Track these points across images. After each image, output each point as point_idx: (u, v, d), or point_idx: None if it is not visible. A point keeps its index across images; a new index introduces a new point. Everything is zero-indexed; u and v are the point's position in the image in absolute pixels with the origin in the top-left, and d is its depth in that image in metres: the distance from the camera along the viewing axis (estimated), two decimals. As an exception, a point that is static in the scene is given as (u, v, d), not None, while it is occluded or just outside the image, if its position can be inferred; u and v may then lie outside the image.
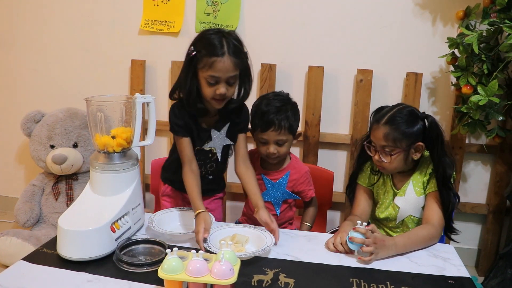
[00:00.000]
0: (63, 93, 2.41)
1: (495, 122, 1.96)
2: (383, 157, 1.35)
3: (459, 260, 1.23)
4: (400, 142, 1.32)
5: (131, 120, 1.29)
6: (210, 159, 1.47)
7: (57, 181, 2.17)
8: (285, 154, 1.53)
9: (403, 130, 1.32)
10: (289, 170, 1.54)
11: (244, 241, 1.25)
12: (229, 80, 1.29)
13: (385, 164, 1.35)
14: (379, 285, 1.08)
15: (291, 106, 1.49)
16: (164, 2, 2.22)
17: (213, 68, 1.25)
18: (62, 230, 1.13)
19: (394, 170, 1.39)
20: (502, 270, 1.88)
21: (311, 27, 2.13)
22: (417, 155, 1.37)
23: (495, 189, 2.13)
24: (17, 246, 1.92)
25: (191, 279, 0.94)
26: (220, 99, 1.31)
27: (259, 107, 1.48)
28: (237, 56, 1.28)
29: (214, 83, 1.28)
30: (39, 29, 2.37)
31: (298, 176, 1.55)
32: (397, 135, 1.32)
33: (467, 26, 1.91)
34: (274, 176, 1.54)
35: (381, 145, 1.34)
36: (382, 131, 1.33)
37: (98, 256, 1.13)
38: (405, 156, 1.36)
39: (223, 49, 1.25)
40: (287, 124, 1.44)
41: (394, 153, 1.33)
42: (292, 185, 1.55)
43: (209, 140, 1.43)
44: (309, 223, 1.62)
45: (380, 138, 1.34)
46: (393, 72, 2.12)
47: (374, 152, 1.38)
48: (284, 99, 1.49)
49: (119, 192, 1.24)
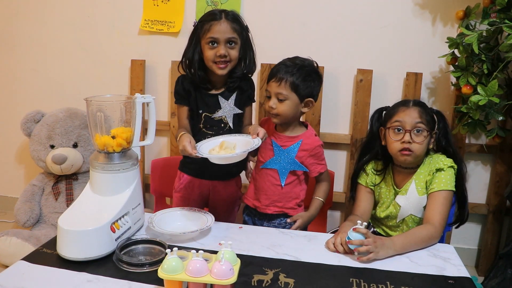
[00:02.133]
0: (63, 93, 2.41)
1: (495, 122, 1.96)
2: (415, 137, 1.35)
3: (459, 260, 1.23)
4: (430, 124, 1.38)
5: (131, 120, 1.29)
6: (223, 129, 1.51)
7: (57, 181, 2.17)
8: (286, 114, 1.44)
9: (431, 114, 1.40)
10: (301, 139, 1.49)
11: (232, 147, 1.34)
12: (228, 41, 1.41)
13: (416, 145, 1.35)
14: (379, 285, 1.08)
15: (305, 69, 1.44)
16: (164, 2, 2.22)
17: (211, 30, 1.40)
18: (62, 230, 1.13)
19: (419, 156, 1.39)
20: (502, 270, 1.88)
21: (311, 27, 2.13)
22: (432, 144, 1.41)
23: (495, 189, 2.13)
24: (17, 246, 1.92)
25: (191, 279, 0.94)
26: (222, 61, 1.41)
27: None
28: (235, 21, 1.42)
29: (215, 45, 1.41)
30: (39, 29, 2.37)
31: (309, 147, 1.49)
32: (428, 117, 1.38)
33: (467, 26, 1.92)
34: (285, 142, 1.49)
35: (415, 124, 1.35)
36: (416, 110, 1.37)
37: (98, 256, 1.13)
38: (428, 140, 1.38)
39: (221, 15, 1.41)
40: (290, 80, 1.41)
41: (425, 133, 1.36)
42: (302, 155, 1.49)
43: (218, 108, 1.49)
44: (321, 197, 1.56)
45: (415, 116, 1.36)
46: (393, 72, 2.12)
47: (401, 135, 1.37)
48: (299, 61, 1.46)
49: (119, 192, 1.24)
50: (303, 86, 1.43)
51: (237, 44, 1.44)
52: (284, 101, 1.43)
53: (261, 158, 1.53)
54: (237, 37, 1.43)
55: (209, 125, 1.50)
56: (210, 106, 1.49)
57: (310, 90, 1.45)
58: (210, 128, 1.50)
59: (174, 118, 2.24)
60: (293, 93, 1.43)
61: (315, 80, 1.47)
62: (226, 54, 1.41)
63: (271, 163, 1.50)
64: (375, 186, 1.49)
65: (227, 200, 1.62)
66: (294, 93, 1.43)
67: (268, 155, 1.50)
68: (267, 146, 1.50)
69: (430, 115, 1.40)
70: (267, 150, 1.50)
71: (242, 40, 1.46)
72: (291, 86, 1.41)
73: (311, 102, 1.48)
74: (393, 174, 1.46)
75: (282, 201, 1.52)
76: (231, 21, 1.42)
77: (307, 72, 1.44)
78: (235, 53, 1.44)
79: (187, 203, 1.58)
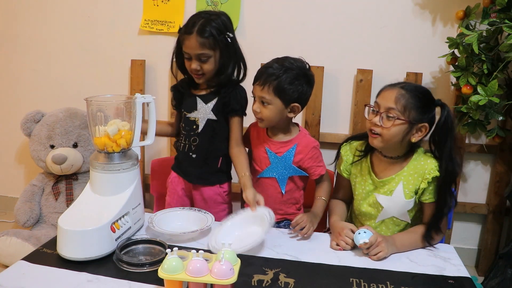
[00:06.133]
0: (63, 93, 2.41)
1: (495, 122, 1.96)
2: (383, 121, 1.23)
3: (459, 260, 1.23)
4: (409, 112, 1.22)
5: (131, 120, 1.29)
6: (194, 131, 1.49)
7: (57, 181, 2.17)
8: (269, 119, 1.38)
9: (416, 102, 1.22)
10: (296, 143, 1.44)
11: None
12: (199, 57, 1.39)
13: (383, 129, 1.24)
14: (379, 285, 1.08)
15: (292, 72, 1.35)
16: (164, 2, 2.22)
17: (184, 44, 1.40)
18: (62, 230, 1.13)
19: (387, 142, 1.27)
20: (502, 270, 1.88)
21: (311, 27, 2.13)
22: (416, 137, 1.26)
23: (495, 189, 2.13)
24: (17, 246, 1.92)
25: (191, 279, 0.94)
26: (195, 74, 1.43)
27: None
28: (206, 37, 1.36)
29: (188, 58, 1.42)
30: (39, 29, 2.37)
31: (305, 150, 1.44)
32: (410, 103, 1.21)
33: (467, 26, 1.92)
34: (279, 149, 1.44)
35: (388, 107, 1.23)
36: (396, 92, 1.23)
37: (98, 256, 1.13)
38: (406, 131, 1.24)
39: (192, 28, 1.37)
40: (274, 84, 1.33)
41: (398, 121, 1.22)
42: (299, 160, 1.44)
43: (194, 109, 1.49)
44: (323, 197, 1.48)
45: (390, 99, 1.23)
46: (393, 72, 2.11)
47: (373, 115, 1.27)
48: (288, 63, 1.37)
49: (119, 192, 1.24)
50: (289, 90, 1.34)
51: (211, 57, 1.40)
52: (267, 106, 1.36)
53: (257, 168, 1.48)
54: (208, 52, 1.38)
55: (184, 124, 1.51)
56: (188, 106, 1.50)
57: (297, 94, 1.36)
58: (184, 128, 1.51)
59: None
60: (277, 98, 1.35)
61: (303, 84, 1.37)
62: (198, 68, 1.40)
63: (269, 171, 1.46)
64: (350, 175, 1.42)
65: (209, 202, 1.57)
66: (277, 98, 1.35)
67: (264, 163, 1.46)
68: (262, 154, 1.45)
69: (421, 105, 1.23)
70: (263, 159, 1.46)
71: (220, 49, 1.40)
72: (274, 91, 1.34)
73: (297, 107, 1.39)
74: (371, 163, 1.37)
75: (283, 208, 1.50)
76: (203, 36, 1.36)
77: (294, 76, 1.35)
78: (209, 66, 1.41)
79: (173, 197, 1.60)
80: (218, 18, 1.40)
